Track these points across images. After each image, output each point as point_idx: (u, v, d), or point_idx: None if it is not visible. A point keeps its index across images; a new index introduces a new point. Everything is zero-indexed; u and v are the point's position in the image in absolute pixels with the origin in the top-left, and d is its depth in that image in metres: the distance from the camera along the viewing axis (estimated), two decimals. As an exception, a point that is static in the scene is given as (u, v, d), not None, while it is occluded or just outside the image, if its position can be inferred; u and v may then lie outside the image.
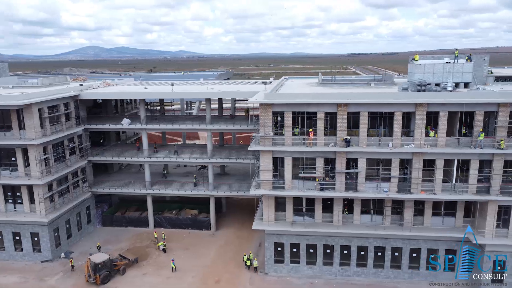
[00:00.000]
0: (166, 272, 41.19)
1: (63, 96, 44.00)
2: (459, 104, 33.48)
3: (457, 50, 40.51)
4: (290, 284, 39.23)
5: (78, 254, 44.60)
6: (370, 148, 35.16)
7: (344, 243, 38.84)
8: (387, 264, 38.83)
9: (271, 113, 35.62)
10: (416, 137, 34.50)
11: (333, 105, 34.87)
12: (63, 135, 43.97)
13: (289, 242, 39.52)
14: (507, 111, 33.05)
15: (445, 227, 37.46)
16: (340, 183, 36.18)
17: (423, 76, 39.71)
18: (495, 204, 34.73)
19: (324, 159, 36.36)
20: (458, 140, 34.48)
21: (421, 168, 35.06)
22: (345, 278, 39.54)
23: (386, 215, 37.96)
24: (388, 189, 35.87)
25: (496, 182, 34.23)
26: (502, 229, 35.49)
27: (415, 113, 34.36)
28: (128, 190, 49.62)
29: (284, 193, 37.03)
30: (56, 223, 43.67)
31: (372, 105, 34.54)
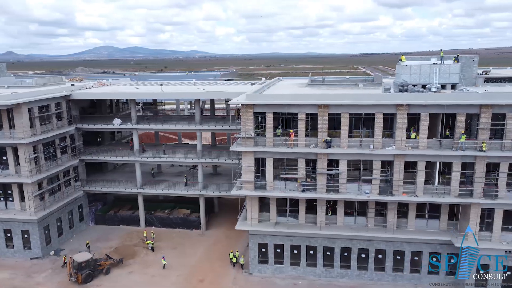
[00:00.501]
0: (152, 271, 41.60)
1: (54, 96, 44.72)
2: (440, 105, 33.13)
3: (442, 50, 40.17)
4: (274, 284, 39.26)
5: (69, 251, 45.19)
6: (351, 150, 35.02)
7: (328, 245, 38.73)
8: (371, 266, 38.61)
9: (252, 114, 35.72)
10: (397, 138, 34.25)
11: (314, 106, 34.82)
12: (54, 134, 44.67)
13: (272, 242, 39.57)
14: (489, 113, 32.61)
15: (429, 230, 37.11)
16: (322, 184, 36.10)
17: (409, 77, 39.47)
18: (478, 207, 34.30)
19: (306, 160, 36.31)
20: (439, 142, 34.13)
21: (402, 170, 34.79)
22: (329, 279, 39.43)
23: (370, 217, 37.78)
24: (370, 191, 35.67)
25: (479, 185, 33.79)
26: (485, 233, 35.01)
27: (396, 115, 34.09)
28: (119, 189, 50.23)
29: (266, 194, 37.11)
30: (46, 221, 44.39)
31: (353, 106, 34.40)
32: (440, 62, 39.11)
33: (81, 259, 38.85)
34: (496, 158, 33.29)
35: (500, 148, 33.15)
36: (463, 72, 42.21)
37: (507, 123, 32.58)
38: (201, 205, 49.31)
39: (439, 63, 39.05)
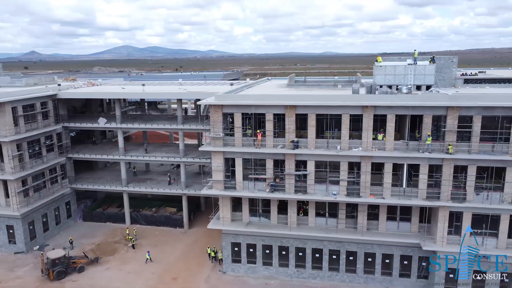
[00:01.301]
0: (129, 267, 42.41)
1: (39, 95, 45.94)
2: (406, 107, 32.81)
3: (416, 51, 39.69)
4: (246, 284, 39.53)
5: (53, 247, 46.35)
6: (318, 151, 34.98)
7: (299, 245, 38.78)
8: (342, 267, 38.50)
9: (221, 114, 36.06)
10: (364, 140, 34.06)
11: (281, 107, 34.93)
12: (39, 133, 45.87)
13: (245, 242, 39.84)
14: (456, 115, 32.12)
15: (400, 232, 36.78)
16: (290, 185, 36.18)
17: (384, 78, 39.15)
18: (446, 210, 33.83)
19: (274, 160, 36.45)
20: (406, 144, 33.80)
21: (369, 171, 34.58)
22: (301, 280, 39.47)
23: (340, 218, 37.67)
24: (337, 192, 35.56)
25: (446, 188, 33.34)
26: (454, 236, 34.49)
27: (362, 116, 33.91)
28: (104, 187, 51.29)
29: (235, 194, 37.39)
30: (31, 217, 45.70)
31: (319, 107, 34.36)
32: (414, 63, 38.62)
33: (53, 256, 39.82)
34: (464, 161, 32.77)
35: (467, 150, 32.60)
36: (442, 73, 41.68)
37: (474, 125, 32.03)
38: (184, 204, 49.90)
39: (414, 64, 38.57)
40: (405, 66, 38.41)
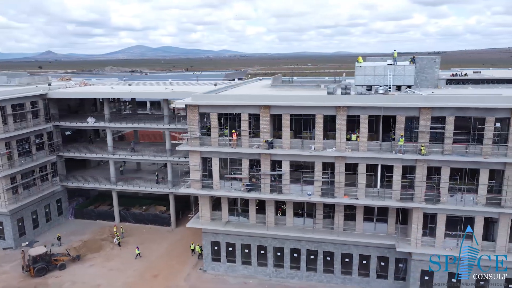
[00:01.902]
0: (112, 265, 43.12)
1: (29, 95, 46.95)
2: (378, 108, 32.73)
3: (395, 51, 39.44)
4: (225, 283, 39.84)
5: (42, 243, 47.40)
6: (292, 151, 35.09)
7: (277, 245, 38.94)
8: (320, 268, 38.54)
9: (198, 114, 36.43)
10: (338, 140, 34.06)
11: (256, 107, 35.14)
12: (29, 131, 46.91)
13: (225, 241, 40.16)
14: (428, 116, 31.91)
15: (377, 233, 36.66)
16: (265, 185, 36.37)
17: (364, 78, 39.02)
18: (420, 212, 33.63)
19: (250, 160, 36.67)
20: (380, 144, 33.70)
21: (343, 172, 34.56)
22: (279, 279, 39.62)
23: (318, 219, 37.71)
24: (312, 192, 35.62)
25: (420, 189, 33.14)
26: (429, 238, 34.27)
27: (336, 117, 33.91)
28: (94, 185, 52.15)
29: (211, 193, 37.73)
30: (20, 213, 46.77)
31: (294, 108, 34.47)
32: (393, 64, 38.42)
33: (34, 253, 40.68)
34: (437, 162, 32.52)
35: (440, 152, 32.37)
36: (425, 74, 41.40)
37: (447, 126, 31.78)
38: (171, 202, 50.44)
39: (393, 65, 38.37)
40: (385, 67, 38.19)
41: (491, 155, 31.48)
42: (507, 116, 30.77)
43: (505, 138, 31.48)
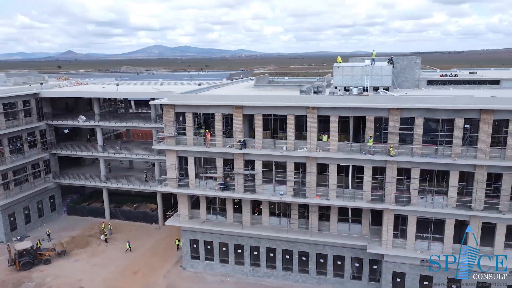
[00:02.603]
0: (96, 260, 44.14)
1: (20, 94, 48.38)
2: (348, 108, 32.69)
3: (374, 51, 39.25)
4: (203, 280, 40.34)
5: (33, 238, 48.86)
6: (265, 151, 35.33)
7: (254, 244, 39.25)
8: (295, 267, 38.68)
9: (173, 113, 37.00)
10: (308, 141, 34.14)
11: (229, 107, 35.50)
12: (20, 129, 48.33)
13: (203, 239, 40.67)
14: (397, 117, 31.72)
15: (352, 234, 36.59)
16: (239, 184, 36.70)
17: (342, 79, 38.96)
18: (391, 213, 33.45)
19: (224, 160, 37.05)
20: (350, 145, 33.65)
21: (314, 172, 34.62)
22: (256, 278, 39.91)
23: (293, 219, 37.85)
24: (284, 192, 35.80)
25: (390, 191, 32.96)
26: (400, 240, 34.05)
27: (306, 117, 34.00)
28: (85, 183, 53.37)
29: (187, 191, 38.29)
30: (12, 209, 48.27)
31: (266, 108, 34.70)
32: (371, 64, 38.24)
33: (19, 248, 41.96)
34: (407, 164, 32.29)
35: (410, 153, 32.14)
36: (405, 74, 41.09)
37: (416, 127, 31.54)
38: (159, 200, 51.22)
39: (371, 65, 38.19)
40: (362, 67, 38.05)
41: (461, 157, 31.09)
42: (476, 117, 30.35)
43: (475, 140, 31.03)
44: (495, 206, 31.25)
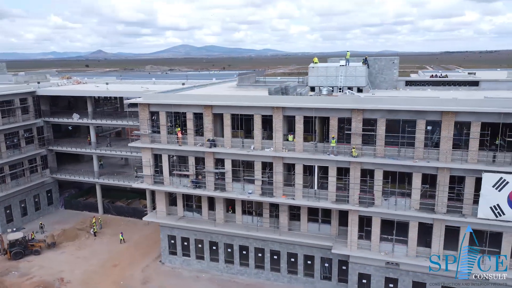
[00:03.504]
0: (81, 253, 45.83)
1: (17, 92, 50.67)
2: (311, 109, 32.83)
3: (348, 52, 39.13)
4: (179, 275, 41.29)
5: (28, 230, 51.07)
6: (233, 150, 35.89)
7: (228, 241, 39.87)
8: (267, 266, 39.07)
9: (148, 112, 38.06)
10: (275, 140, 34.47)
11: (200, 107, 36.23)
12: (17, 126, 50.62)
13: (180, 235, 41.62)
14: (360, 118, 31.63)
15: (321, 235, 36.68)
16: (210, 182, 37.39)
17: (317, 79, 39.08)
18: (355, 214, 33.38)
19: (196, 158, 37.81)
20: (315, 145, 33.77)
21: (281, 172, 34.92)
22: (230, 275, 40.53)
23: (264, 217, 38.24)
24: (253, 191, 36.24)
25: (354, 191, 32.90)
26: (365, 241, 33.92)
27: (272, 117, 34.34)
28: (79, 178, 55.36)
29: (161, 188, 39.27)
30: (8, 202, 50.66)
31: (234, 108, 35.23)
32: (346, 64, 38.14)
33: (11, 238, 44.06)
34: (370, 165, 32.15)
35: (373, 154, 31.99)
36: (383, 75, 40.77)
37: (379, 128, 31.37)
38: (148, 197, 52.46)
39: (345, 66, 38.11)
40: (336, 68, 38.05)
41: (423, 159, 30.74)
42: (438, 119, 29.94)
43: (437, 142, 30.62)
44: (459, 209, 30.74)
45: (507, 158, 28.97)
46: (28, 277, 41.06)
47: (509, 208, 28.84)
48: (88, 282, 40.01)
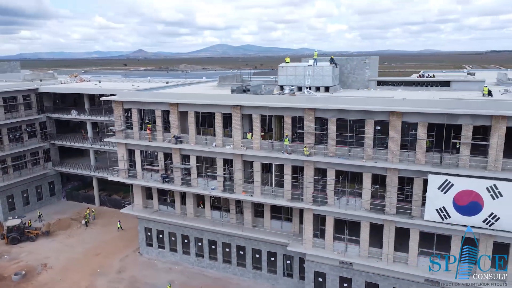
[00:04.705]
0: (70, 241, 48.57)
1: (19, 89, 54.21)
2: (267, 107, 33.43)
3: (316, 52, 39.26)
4: (153, 266, 42.98)
5: (29, 218, 54.57)
6: (197, 146, 37.04)
7: (198, 236, 41.13)
8: (234, 261, 39.99)
9: (122, 109, 39.92)
10: (234, 138, 35.33)
11: (166, 104, 37.66)
12: (19, 120, 54.16)
13: (155, 228, 43.30)
14: (312, 117, 31.91)
15: (283, 232, 37.16)
16: (177, 177, 38.76)
17: (286, 78, 39.51)
18: (310, 213, 33.67)
19: (165, 153, 39.27)
20: (271, 144, 34.33)
21: (240, 169, 35.72)
22: (200, 268, 41.78)
23: (231, 213, 39.16)
24: (216, 187, 37.25)
25: (308, 190, 33.22)
26: (320, 240, 34.13)
27: (231, 115, 35.20)
28: (77, 171, 58.36)
29: (135, 182, 41.07)
30: (10, 191, 54.34)
31: (196, 106, 36.39)
32: (314, 64, 38.31)
33: (9, 224, 47.42)
34: (322, 164, 32.36)
35: (325, 154, 32.17)
36: (355, 75, 40.59)
37: (330, 128, 31.54)
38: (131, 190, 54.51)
39: (313, 65, 38.29)
40: (304, 67, 38.28)
41: (372, 159, 30.65)
42: (386, 119, 29.78)
43: (386, 143, 30.42)
44: (408, 211, 30.44)
45: (453, 160, 28.41)
46: (16, 261, 44.09)
47: (455, 211, 28.31)
48: (68, 269, 42.45)
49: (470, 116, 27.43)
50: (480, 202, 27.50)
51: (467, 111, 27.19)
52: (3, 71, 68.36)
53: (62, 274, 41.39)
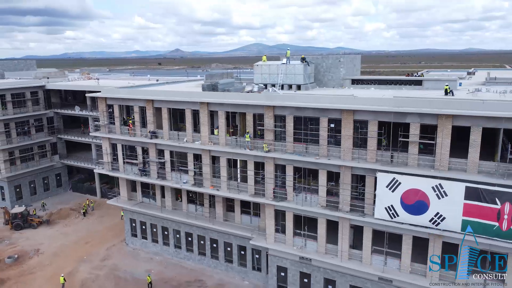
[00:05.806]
0: (66, 230, 51.47)
1: (27, 86, 57.85)
2: (231, 104, 34.42)
3: (288, 50, 39.79)
4: (136, 256, 44.93)
5: (34, 207, 58.18)
6: (171, 142, 38.53)
7: (176, 228, 42.69)
8: (208, 253, 41.26)
9: (105, 105, 42.06)
10: (202, 134, 36.54)
11: (143, 101, 39.40)
12: (27, 115, 57.81)
13: (139, 219, 45.26)
14: (271, 114, 32.60)
15: (252, 227, 38.02)
16: (153, 171, 40.44)
17: (261, 77, 40.34)
18: (271, 208, 34.39)
19: (143, 148, 41.05)
20: (236, 140, 35.27)
21: (208, 164, 36.89)
22: (178, 260, 43.33)
23: (205, 207, 40.43)
24: (187, 181, 38.62)
25: (269, 186, 33.94)
26: (281, 235, 34.76)
27: (199, 111, 36.42)
28: (80, 164, 61.52)
29: (117, 175, 43.14)
30: (18, 181, 58.16)
31: (170, 102, 37.87)
32: (286, 63, 38.89)
33: (14, 211, 50.96)
34: (281, 160, 32.99)
35: (283, 150, 32.78)
36: (331, 73, 40.82)
37: (288, 125, 32.13)
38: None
39: (286, 64, 38.90)
40: (278, 66, 38.95)
41: (327, 156, 31.00)
42: (339, 117, 30.06)
43: (340, 140, 30.68)
44: (361, 209, 30.59)
45: (402, 159, 28.36)
46: (13, 246, 47.34)
47: (402, 209, 28.26)
48: (58, 255, 45.15)
49: (417, 115, 27.31)
50: (427, 201, 27.34)
51: (414, 109, 27.11)
52: (19, 69, 72.71)
53: (50, 259, 44.10)
